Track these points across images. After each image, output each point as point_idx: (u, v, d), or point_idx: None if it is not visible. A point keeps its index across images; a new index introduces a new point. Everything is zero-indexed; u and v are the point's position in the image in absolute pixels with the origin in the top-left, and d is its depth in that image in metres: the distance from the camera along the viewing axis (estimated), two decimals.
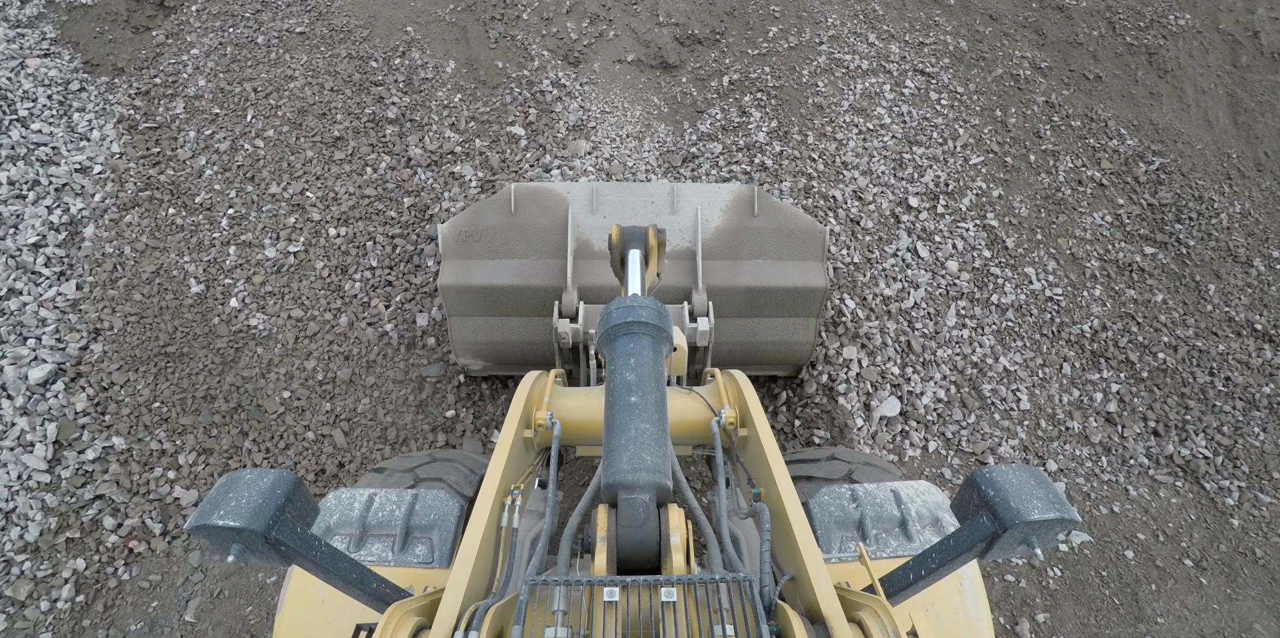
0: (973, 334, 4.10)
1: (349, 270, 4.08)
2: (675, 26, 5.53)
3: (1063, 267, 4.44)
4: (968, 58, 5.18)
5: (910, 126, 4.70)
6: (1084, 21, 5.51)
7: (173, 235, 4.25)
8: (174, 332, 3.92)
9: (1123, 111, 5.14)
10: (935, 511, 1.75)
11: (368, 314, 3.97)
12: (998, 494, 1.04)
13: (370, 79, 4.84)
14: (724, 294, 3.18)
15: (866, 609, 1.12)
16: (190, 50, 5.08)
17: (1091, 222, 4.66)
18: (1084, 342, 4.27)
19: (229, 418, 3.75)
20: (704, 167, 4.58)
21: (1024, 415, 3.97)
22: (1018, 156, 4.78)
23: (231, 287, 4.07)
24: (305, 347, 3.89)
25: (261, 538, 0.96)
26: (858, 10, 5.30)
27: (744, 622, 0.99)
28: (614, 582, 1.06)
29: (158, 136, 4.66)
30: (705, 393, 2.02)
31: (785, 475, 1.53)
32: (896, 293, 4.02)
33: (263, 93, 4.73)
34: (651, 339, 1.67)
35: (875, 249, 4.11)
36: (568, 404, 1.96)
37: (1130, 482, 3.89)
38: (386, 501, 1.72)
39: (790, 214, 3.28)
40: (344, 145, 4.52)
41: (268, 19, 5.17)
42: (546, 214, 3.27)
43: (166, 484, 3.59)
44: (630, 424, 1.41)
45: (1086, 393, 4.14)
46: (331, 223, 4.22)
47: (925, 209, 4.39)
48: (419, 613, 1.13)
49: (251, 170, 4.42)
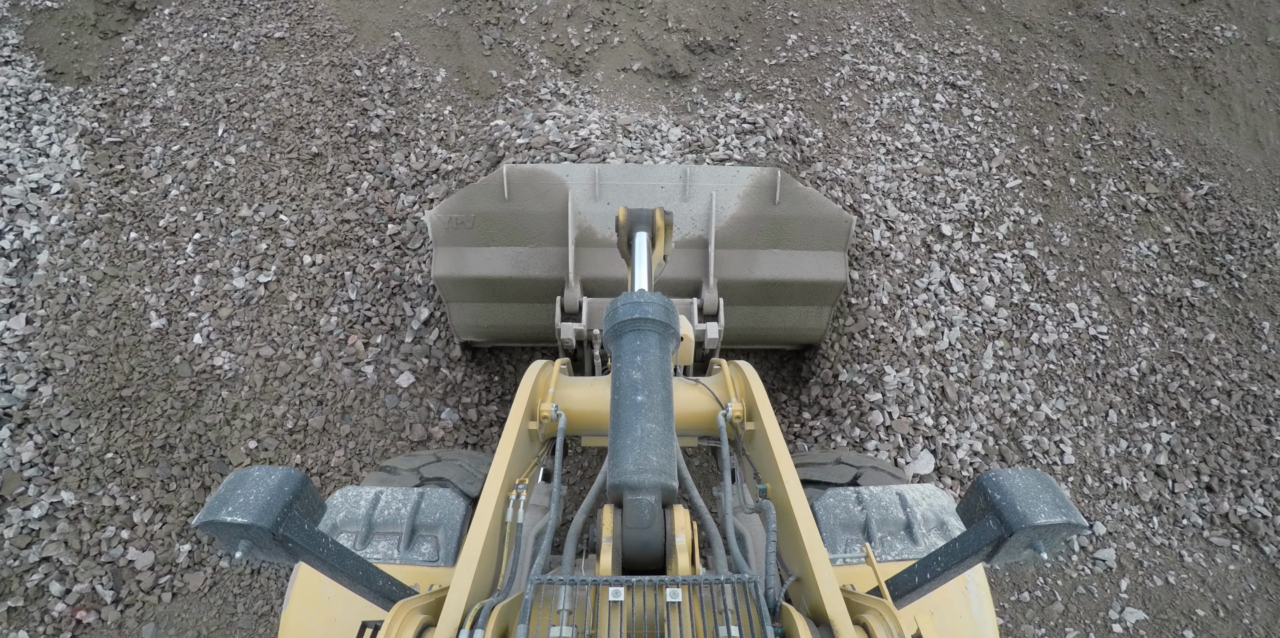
0: (1011, 378, 3.73)
1: (324, 303, 3.71)
2: (685, 33, 5.14)
3: (1107, 302, 4.07)
4: (1001, 70, 4.79)
5: (942, 146, 4.31)
6: (1124, 32, 5.12)
7: (133, 263, 3.87)
8: (131, 372, 3.55)
9: (1167, 130, 4.76)
10: (941, 514, 1.72)
11: (344, 353, 3.60)
12: (1004, 498, 1.03)
13: (353, 89, 4.46)
14: (737, 287, 3.01)
15: (872, 612, 1.11)
16: (160, 57, 4.70)
17: (1137, 252, 4.28)
18: (1131, 386, 3.90)
19: (189, 470, 3.38)
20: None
21: (1069, 470, 3.60)
22: (1057, 179, 4.39)
23: (195, 321, 3.70)
24: (274, 390, 3.52)
25: (269, 535, 0.96)
26: (882, 17, 4.91)
27: (749, 623, 0.99)
28: (619, 582, 1.06)
29: (121, 152, 4.28)
30: (711, 384, 1.97)
31: (792, 472, 1.50)
32: (929, 333, 3.65)
33: (236, 104, 4.35)
34: (658, 336, 1.65)
35: (905, 283, 3.73)
36: (573, 394, 1.94)
37: (1184, 546, 3.53)
38: (392, 499, 1.72)
39: (815, 201, 3.01)
40: (322, 163, 4.14)
41: (244, 23, 4.78)
42: (544, 200, 2.99)
43: (119, 545, 3.23)
44: (636, 424, 1.39)
45: (1135, 444, 3.77)
46: (307, 250, 3.84)
47: (959, 238, 4.02)
48: (424, 611, 1.13)
49: (221, 190, 4.04)
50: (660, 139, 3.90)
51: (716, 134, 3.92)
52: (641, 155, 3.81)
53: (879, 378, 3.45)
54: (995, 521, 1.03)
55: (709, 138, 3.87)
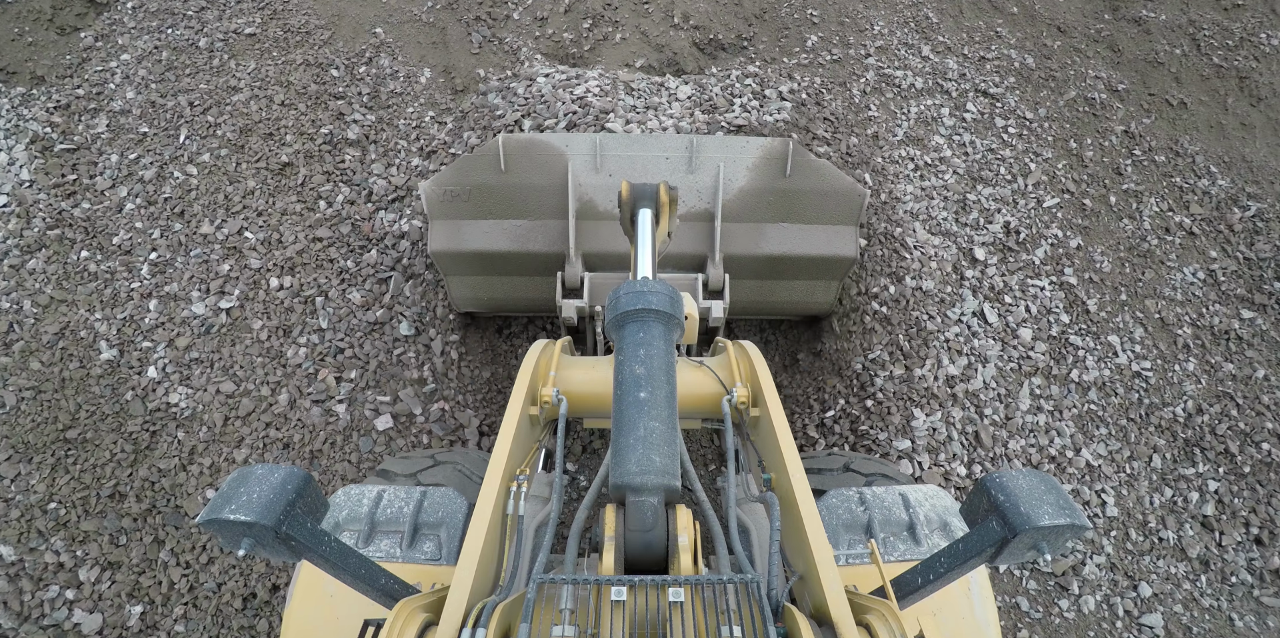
0: (1049, 420, 3.40)
1: (293, 333, 3.35)
2: (695, 30, 4.75)
3: (1151, 335, 3.74)
4: (1035, 77, 4.42)
5: (974, 160, 3.96)
6: (1164, 37, 4.75)
7: (83, 285, 3.50)
8: (78, 411, 3.20)
9: (1211, 145, 4.41)
10: (944, 515, 1.70)
11: (314, 389, 3.24)
12: (1008, 499, 1.02)
13: (329, 91, 4.07)
14: (743, 262, 2.94)
15: (875, 613, 1.10)
16: (120, 55, 4.30)
17: (1181, 279, 3.95)
18: (1176, 428, 3.58)
19: (141, 522, 3.04)
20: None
21: (1111, 524, 3.29)
22: (1097, 198, 4.05)
23: (150, 351, 3.34)
24: (236, 431, 3.17)
25: (272, 533, 0.95)
26: (908, 17, 4.53)
27: (751, 623, 0.99)
28: (621, 581, 1.07)
29: (75, 160, 3.89)
30: (716, 366, 1.95)
31: (797, 462, 1.48)
32: (962, 371, 3.32)
33: (200, 107, 3.96)
34: (662, 326, 1.61)
35: (937, 315, 3.39)
36: (575, 376, 1.91)
37: (1234, 607, 3.22)
38: (395, 497, 1.71)
39: (827, 174, 2.88)
40: (293, 173, 3.76)
41: (213, 18, 4.38)
42: (543, 172, 2.87)
43: (64, 607, 2.90)
44: (639, 422, 1.38)
45: (1180, 492, 3.46)
46: (274, 271, 3.48)
47: (993, 263, 3.67)
48: (427, 610, 1.13)
49: (181, 204, 3.67)
50: (668, 97, 3.58)
51: (732, 93, 3.56)
52: (646, 115, 3.49)
53: (907, 424, 3.12)
54: (999, 522, 1.02)
55: (722, 98, 3.54)
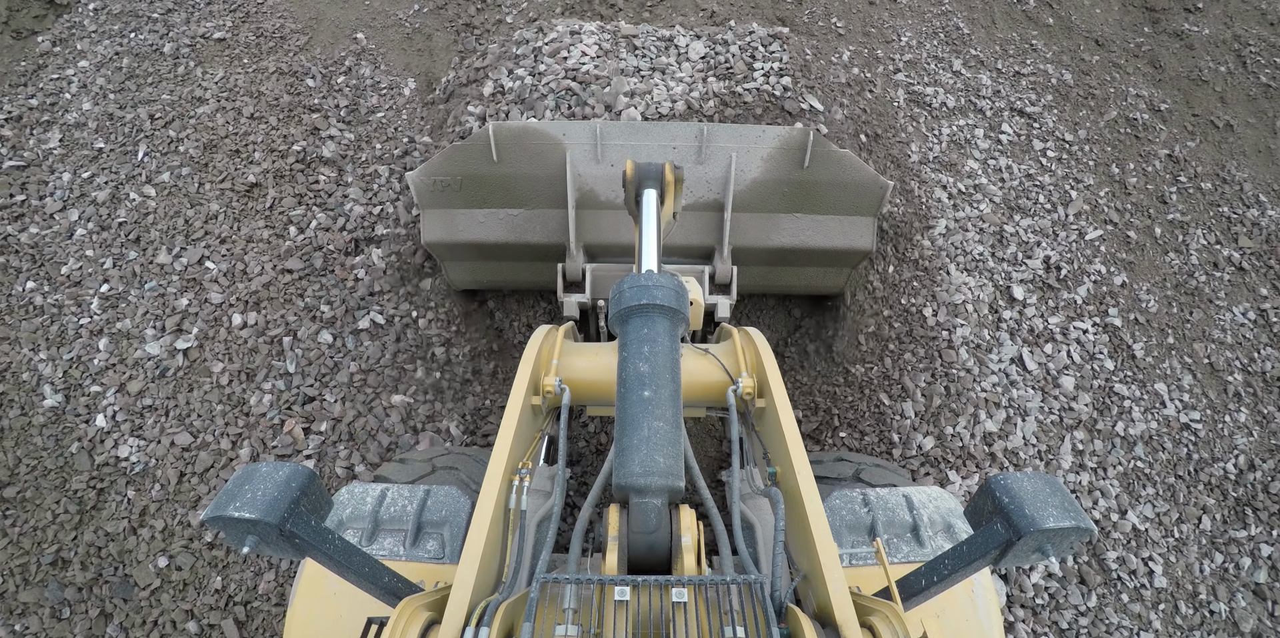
0: (1093, 479, 3.10)
1: (256, 377, 3.02)
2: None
3: (1200, 382, 3.43)
4: (1074, 95, 4.09)
5: (1011, 187, 3.63)
6: (1207, 53, 4.42)
7: (28, 321, 3.16)
8: (17, 465, 2.86)
9: (1260, 172, 4.09)
10: (948, 517, 1.69)
11: (279, 442, 2.91)
12: (1012, 501, 1.01)
13: (304, 102, 3.72)
14: (752, 253, 2.81)
15: (878, 614, 1.08)
16: (79, 62, 3.93)
17: (1231, 319, 3.63)
18: (1226, 486, 3.28)
19: (86, 593, 2.72)
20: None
21: (1159, 596, 2.98)
22: (1141, 229, 3.73)
23: (99, 397, 3.00)
24: (192, 489, 2.84)
25: (276, 530, 0.95)
26: (937, 27, 4.18)
27: (754, 624, 0.99)
28: (625, 581, 1.07)
29: (24, 179, 3.54)
30: (721, 354, 1.91)
31: (802, 456, 1.45)
32: (1000, 427, 3.01)
33: (162, 120, 3.60)
34: (667, 322, 1.60)
35: (974, 364, 3.07)
36: (578, 363, 1.88)
37: None
38: (399, 496, 1.70)
39: (849, 165, 2.69)
40: (261, 194, 3.41)
41: (179, 21, 4.01)
42: (539, 162, 2.70)
43: None
44: (643, 422, 1.36)
45: (1231, 557, 3.16)
46: (237, 307, 3.14)
47: (1032, 302, 3.35)
48: (430, 608, 1.12)
49: (137, 230, 3.32)
50: (677, 56, 3.25)
51: (753, 57, 3.22)
52: (652, 77, 3.15)
53: (941, 487, 2.81)
54: (1003, 524, 1.01)
55: (741, 60, 3.20)
